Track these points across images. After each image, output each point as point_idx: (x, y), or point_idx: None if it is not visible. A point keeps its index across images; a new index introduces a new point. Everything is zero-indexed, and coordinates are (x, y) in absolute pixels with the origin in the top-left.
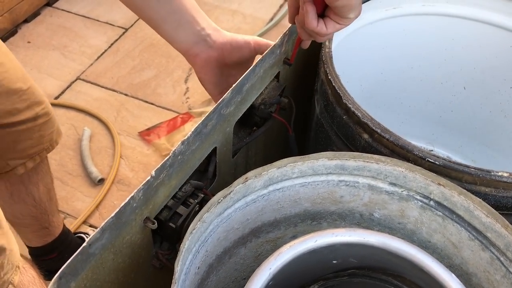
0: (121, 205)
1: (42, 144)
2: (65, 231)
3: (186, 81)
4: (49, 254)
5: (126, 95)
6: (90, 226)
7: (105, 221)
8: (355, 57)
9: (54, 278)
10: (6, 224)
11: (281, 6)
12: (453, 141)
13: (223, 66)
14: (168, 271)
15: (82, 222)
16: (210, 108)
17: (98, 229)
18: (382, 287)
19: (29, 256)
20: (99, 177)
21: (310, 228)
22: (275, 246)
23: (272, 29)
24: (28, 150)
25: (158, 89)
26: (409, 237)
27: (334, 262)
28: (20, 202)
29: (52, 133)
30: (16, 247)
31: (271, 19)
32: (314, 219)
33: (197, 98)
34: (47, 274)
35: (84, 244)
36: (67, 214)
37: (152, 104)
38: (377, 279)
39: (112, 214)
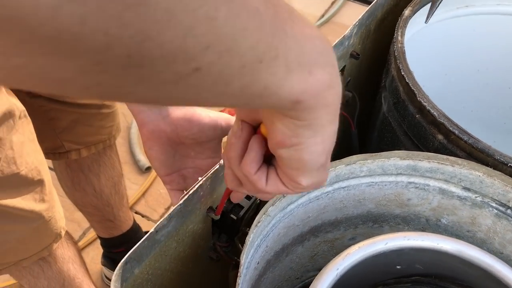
0: (189, 193)
1: (100, 135)
2: (134, 228)
3: None
4: (116, 248)
5: None
6: (136, 213)
7: (173, 208)
8: (421, 57)
9: (120, 263)
10: (52, 191)
11: (332, 3)
12: None
13: (177, 145)
14: (223, 264)
15: (128, 209)
16: None
17: (166, 215)
18: None
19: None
20: (147, 165)
21: (370, 231)
22: (332, 247)
23: (323, 26)
24: (86, 137)
25: None
26: (479, 246)
27: (398, 267)
28: (80, 190)
29: (112, 127)
30: (58, 215)
31: (322, 16)
32: (376, 222)
33: None
34: (113, 264)
35: (152, 230)
36: None
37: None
38: None
39: (180, 201)
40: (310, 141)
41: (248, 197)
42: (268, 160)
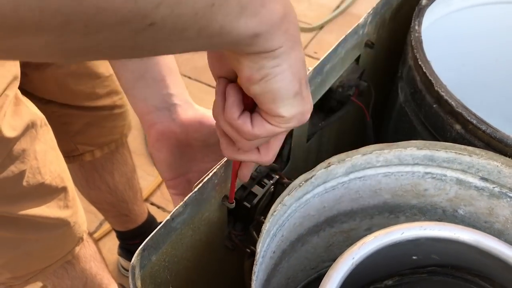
0: (204, 180)
1: (113, 135)
2: (149, 220)
3: None
4: (132, 240)
5: (189, 77)
6: (152, 204)
7: (188, 196)
8: (438, 47)
9: (138, 250)
10: (74, 196)
11: None
12: None
13: (185, 147)
14: (238, 253)
15: (144, 200)
16: None
17: (181, 203)
18: (466, 287)
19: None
20: None
21: (386, 222)
22: (348, 237)
23: (337, 17)
24: (98, 138)
25: None
26: (496, 237)
27: (414, 258)
28: (95, 189)
29: (124, 126)
30: (81, 220)
31: (338, 7)
32: (392, 212)
33: None
34: (129, 255)
35: (168, 218)
36: None
37: (214, 88)
38: (461, 279)
39: (195, 189)
40: (276, 70)
41: (261, 185)
42: (251, 109)
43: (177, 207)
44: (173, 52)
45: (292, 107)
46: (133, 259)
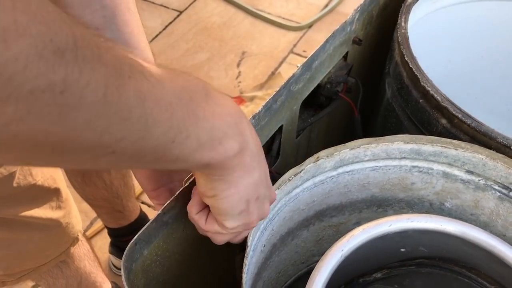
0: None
1: None
2: (142, 216)
3: (238, 65)
4: (124, 237)
5: None
6: (142, 203)
7: (179, 190)
8: (425, 43)
9: (130, 243)
10: (68, 197)
11: None
12: None
13: None
14: (228, 248)
15: (135, 199)
16: (261, 93)
17: (173, 197)
18: (453, 278)
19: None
20: None
21: (375, 215)
22: (337, 231)
23: (326, 16)
24: None
25: (211, 72)
26: (482, 229)
27: (402, 250)
28: (91, 185)
29: None
30: (75, 220)
31: (326, 6)
32: (380, 206)
33: (249, 83)
34: (121, 253)
35: (159, 212)
36: None
37: None
38: (448, 270)
39: (187, 184)
40: (224, 193)
41: None
42: None
43: (168, 201)
44: (130, 168)
45: (235, 221)
46: (125, 252)
